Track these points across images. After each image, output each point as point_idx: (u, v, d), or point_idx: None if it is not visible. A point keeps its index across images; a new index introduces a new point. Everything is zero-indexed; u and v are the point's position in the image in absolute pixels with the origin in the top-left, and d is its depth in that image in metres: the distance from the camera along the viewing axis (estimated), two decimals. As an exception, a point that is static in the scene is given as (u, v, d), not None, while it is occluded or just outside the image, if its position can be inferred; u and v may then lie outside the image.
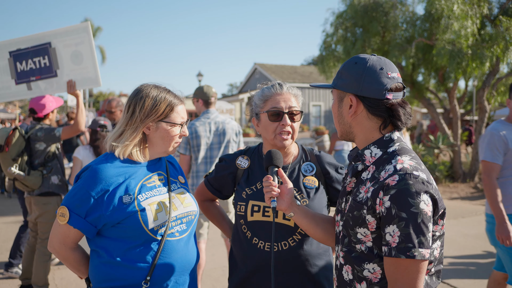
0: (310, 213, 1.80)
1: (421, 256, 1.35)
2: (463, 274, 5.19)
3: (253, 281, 2.03)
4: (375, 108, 1.52)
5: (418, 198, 1.36)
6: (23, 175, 4.05)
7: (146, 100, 1.82)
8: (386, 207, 1.39)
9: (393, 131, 1.56)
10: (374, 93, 1.51)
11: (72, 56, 3.93)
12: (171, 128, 1.86)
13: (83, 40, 3.87)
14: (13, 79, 4.11)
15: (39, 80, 4.07)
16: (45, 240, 4.26)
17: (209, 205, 2.33)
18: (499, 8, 11.53)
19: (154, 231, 1.77)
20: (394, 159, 1.47)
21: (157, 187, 1.86)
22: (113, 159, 1.82)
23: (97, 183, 1.73)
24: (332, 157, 2.19)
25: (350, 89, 1.54)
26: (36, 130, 4.20)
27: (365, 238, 1.49)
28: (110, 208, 1.72)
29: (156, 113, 1.82)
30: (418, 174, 1.41)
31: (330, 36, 13.88)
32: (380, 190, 1.42)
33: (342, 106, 1.59)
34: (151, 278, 1.75)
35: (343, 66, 1.59)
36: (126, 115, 1.85)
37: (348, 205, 1.58)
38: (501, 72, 12.81)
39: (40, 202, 4.24)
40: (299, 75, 29.34)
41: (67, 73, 3.99)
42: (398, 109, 1.52)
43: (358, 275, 1.52)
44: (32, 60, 4.01)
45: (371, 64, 1.52)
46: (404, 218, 1.35)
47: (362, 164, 1.57)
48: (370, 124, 1.56)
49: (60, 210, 1.75)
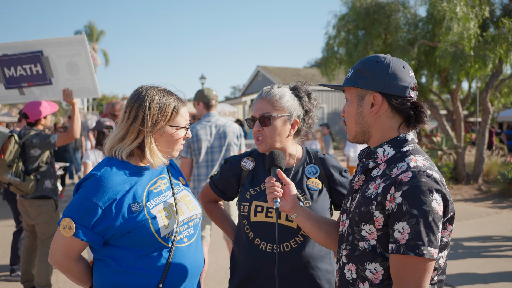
0: (313, 215, 1.80)
1: (429, 255, 1.33)
2: (466, 277, 5.16)
3: (253, 282, 2.03)
4: (400, 106, 1.51)
5: (430, 196, 1.35)
6: (18, 181, 4.15)
7: (151, 106, 1.74)
8: (397, 203, 1.37)
9: (408, 132, 1.55)
10: (400, 91, 1.50)
11: (68, 67, 3.93)
12: (176, 132, 1.81)
13: (79, 52, 3.87)
14: (1, 83, 4.12)
15: (32, 87, 4.07)
16: (45, 241, 4.33)
17: (213, 207, 2.35)
18: (502, 9, 11.51)
19: (165, 238, 1.72)
20: (407, 158, 1.47)
21: (163, 191, 1.81)
22: (117, 165, 1.74)
23: (104, 192, 1.65)
24: (337, 160, 2.20)
25: (375, 87, 1.52)
26: (31, 137, 4.24)
27: (369, 236, 1.47)
28: (120, 218, 1.65)
29: (164, 118, 1.75)
30: (431, 173, 1.40)
31: (332, 38, 13.89)
32: (391, 186, 1.41)
33: (363, 105, 1.55)
34: (163, 285, 1.70)
35: (362, 64, 1.56)
36: (127, 119, 1.75)
37: (355, 202, 1.56)
38: (504, 74, 12.78)
39: (34, 204, 4.32)
40: (301, 77, 29.33)
41: (62, 82, 3.99)
42: (423, 107, 1.53)
43: (361, 275, 1.50)
44: (22, 66, 3.99)
45: (395, 63, 1.52)
46: (416, 215, 1.34)
47: (373, 162, 1.56)
48: (389, 123, 1.55)
49: (63, 222, 1.65)
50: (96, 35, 41.40)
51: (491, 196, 10.51)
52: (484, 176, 12.26)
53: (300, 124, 2.11)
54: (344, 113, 1.64)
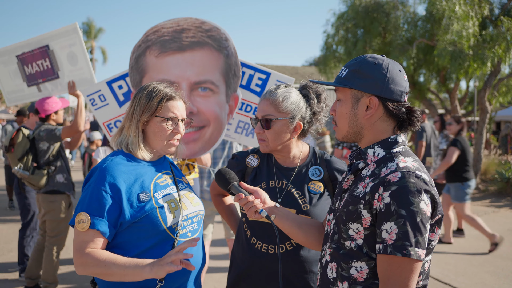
0: (291, 215, 1.79)
1: (417, 255, 1.33)
2: (464, 275, 5.18)
3: (248, 279, 2.03)
4: (396, 111, 1.51)
5: (419, 197, 1.35)
6: (27, 174, 4.17)
7: (142, 95, 1.84)
8: (385, 203, 1.37)
9: (399, 134, 1.55)
10: (396, 95, 1.50)
11: (68, 57, 3.97)
12: (161, 124, 1.83)
13: (75, 41, 3.89)
14: (25, 81, 4.23)
15: (45, 82, 4.15)
16: (53, 238, 4.36)
17: (220, 200, 2.36)
18: (500, 8, 11.52)
19: (172, 229, 1.74)
20: (397, 158, 1.47)
21: (169, 185, 1.86)
22: (121, 157, 1.80)
23: (111, 181, 1.69)
24: (344, 163, 2.14)
25: (373, 90, 1.50)
26: (39, 131, 4.31)
27: (356, 235, 1.47)
28: (129, 206, 1.68)
29: (150, 108, 1.81)
30: (420, 174, 1.39)
31: (331, 37, 13.89)
32: (380, 185, 1.40)
33: (358, 107, 1.53)
34: (165, 276, 1.69)
35: (359, 65, 1.53)
36: (128, 111, 1.86)
37: (343, 201, 1.55)
38: (502, 73, 12.80)
39: (47, 199, 4.34)
40: (300, 76, 29.33)
41: (67, 74, 4.03)
42: (416, 112, 1.52)
43: (342, 274, 1.49)
44: (36, 63, 4.09)
45: (392, 66, 1.51)
46: (403, 215, 1.33)
47: (363, 162, 1.55)
48: (383, 126, 1.54)
49: (78, 217, 1.65)
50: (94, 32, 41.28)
51: (488, 195, 10.54)
52: (482, 175, 12.28)
53: (305, 127, 2.06)
54: (335, 112, 1.62)
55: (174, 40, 3.15)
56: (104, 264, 1.60)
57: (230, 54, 3.22)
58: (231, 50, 3.21)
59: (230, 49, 3.21)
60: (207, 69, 3.18)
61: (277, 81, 3.29)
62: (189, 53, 3.16)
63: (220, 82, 3.21)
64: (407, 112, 1.53)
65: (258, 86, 3.32)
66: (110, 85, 3.27)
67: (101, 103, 3.29)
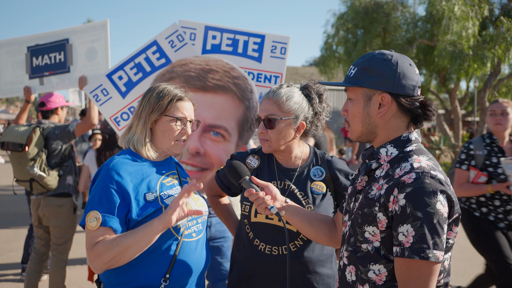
0: (302, 211, 1.78)
1: (435, 258, 1.29)
2: (464, 275, 5.17)
3: (251, 282, 2.02)
4: (409, 106, 1.46)
5: (434, 198, 1.31)
6: (44, 176, 3.82)
7: (152, 94, 1.87)
8: (400, 205, 1.33)
9: (412, 131, 1.51)
10: (409, 90, 1.46)
11: (87, 53, 3.98)
12: (170, 123, 1.85)
13: (99, 37, 3.92)
14: (27, 73, 4.18)
15: (51, 76, 4.13)
16: (61, 246, 4.03)
17: (218, 201, 2.34)
18: (500, 9, 11.54)
19: (177, 229, 1.76)
20: (411, 158, 1.43)
21: (175, 185, 1.88)
22: (128, 156, 1.82)
23: (119, 180, 1.71)
24: (344, 163, 2.13)
25: (384, 87, 1.46)
26: (53, 129, 4.00)
27: (373, 238, 1.44)
28: (136, 205, 1.70)
29: (159, 107, 1.84)
30: (435, 174, 1.36)
31: (331, 37, 13.92)
32: (395, 187, 1.37)
33: (370, 105, 1.49)
34: (170, 275, 1.71)
35: (368, 62, 1.49)
36: (137, 111, 1.89)
37: (358, 203, 1.51)
38: (502, 73, 12.83)
39: (55, 203, 3.97)
40: (300, 76, 29.33)
41: (80, 69, 4.03)
42: (431, 105, 1.48)
43: (361, 277, 1.46)
44: (48, 55, 4.07)
45: (402, 61, 1.47)
46: (420, 217, 1.30)
47: (376, 162, 1.52)
48: (397, 123, 1.50)
49: (89, 216, 1.65)
50: (94, 32, 41.23)
51: (488, 195, 10.51)
52: (482, 175, 12.28)
53: (307, 127, 2.05)
54: (347, 112, 1.57)
55: (199, 78, 3.11)
56: (116, 243, 1.61)
57: (251, 107, 3.16)
58: (253, 103, 3.16)
59: (252, 102, 3.16)
60: (225, 115, 3.12)
61: (272, 41, 3.26)
62: (211, 95, 3.11)
63: (234, 131, 3.16)
64: (421, 106, 1.48)
65: (255, 51, 3.29)
66: (110, 78, 3.28)
67: (104, 98, 3.29)
